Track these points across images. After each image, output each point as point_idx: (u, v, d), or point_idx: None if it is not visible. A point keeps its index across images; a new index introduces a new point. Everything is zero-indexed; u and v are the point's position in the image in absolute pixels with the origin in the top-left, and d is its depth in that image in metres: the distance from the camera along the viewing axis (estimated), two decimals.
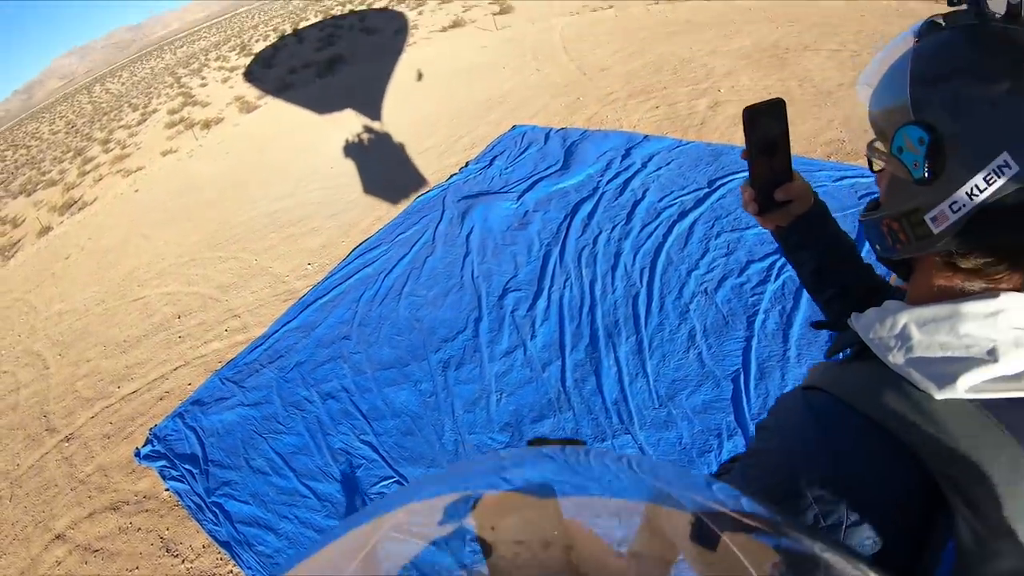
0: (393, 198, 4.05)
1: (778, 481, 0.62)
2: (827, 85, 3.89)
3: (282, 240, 4.12)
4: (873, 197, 0.69)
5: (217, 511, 2.27)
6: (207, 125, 9.25)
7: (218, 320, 3.49)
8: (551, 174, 3.53)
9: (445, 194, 3.70)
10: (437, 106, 5.70)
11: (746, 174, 0.86)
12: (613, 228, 2.81)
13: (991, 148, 0.51)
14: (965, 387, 0.53)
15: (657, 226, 2.72)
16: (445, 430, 2.18)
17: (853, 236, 2.20)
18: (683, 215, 2.75)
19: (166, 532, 2.30)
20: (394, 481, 2.12)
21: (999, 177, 0.51)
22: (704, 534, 0.34)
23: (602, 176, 3.31)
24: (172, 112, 12.15)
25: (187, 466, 2.51)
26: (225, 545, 2.14)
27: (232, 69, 14.84)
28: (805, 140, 3.33)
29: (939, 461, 0.52)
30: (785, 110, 0.79)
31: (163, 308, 3.94)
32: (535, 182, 3.47)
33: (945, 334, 0.57)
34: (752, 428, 1.74)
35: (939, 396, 0.54)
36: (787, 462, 0.61)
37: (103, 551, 2.35)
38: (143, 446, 2.72)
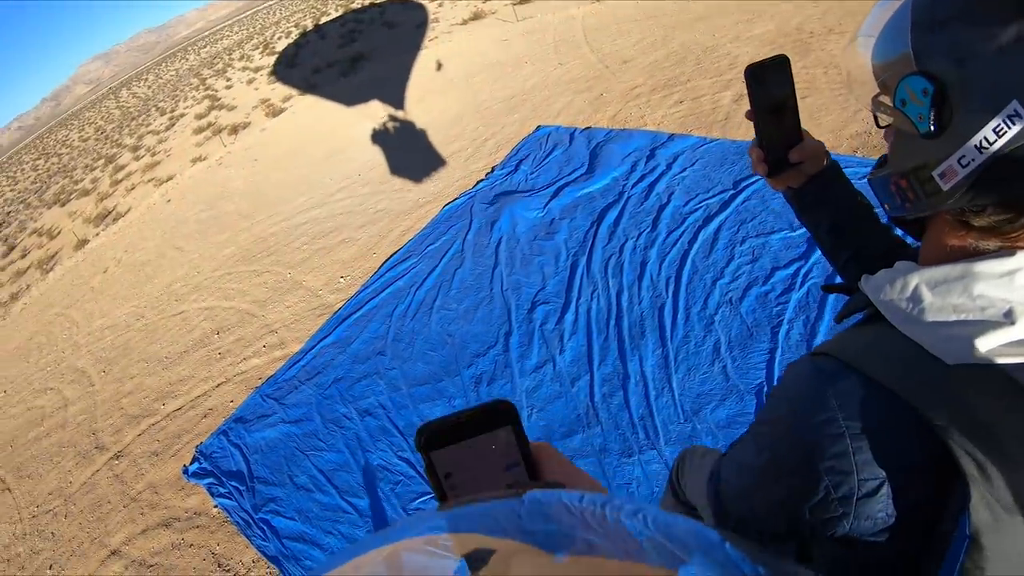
0: (421, 207, 4.16)
1: (787, 451, 0.61)
2: None
3: (314, 253, 4.28)
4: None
5: (265, 527, 2.43)
6: (234, 130, 9.52)
7: (256, 336, 3.66)
8: (577, 178, 3.59)
9: (472, 203, 3.80)
10: (461, 106, 5.79)
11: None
12: (639, 235, 2.87)
13: (1000, 97, 0.49)
14: (980, 352, 0.51)
15: (683, 232, 2.77)
16: None
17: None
18: (708, 220, 2.79)
19: (217, 548, 2.48)
20: (431, 497, 2.24)
21: (1010, 127, 0.49)
22: None
23: (627, 179, 3.36)
24: (199, 116, 12.50)
25: (234, 483, 2.68)
26: (274, 560, 2.30)
27: (256, 70, 15.15)
28: (831, 133, 3.32)
29: (954, 430, 0.50)
30: (790, 67, 0.77)
31: (202, 324, 4.15)
32: (561, 187, 3.54)
33: (958, 296, 0.55)
34: None
35: (952, 362, 0.52)
36: (796, 431, 0.60)
37: (158, 566, 2.54)
38: (190, 464, 2.91)
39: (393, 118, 6.34)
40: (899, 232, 0.91)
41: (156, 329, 4.45)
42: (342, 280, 3.77)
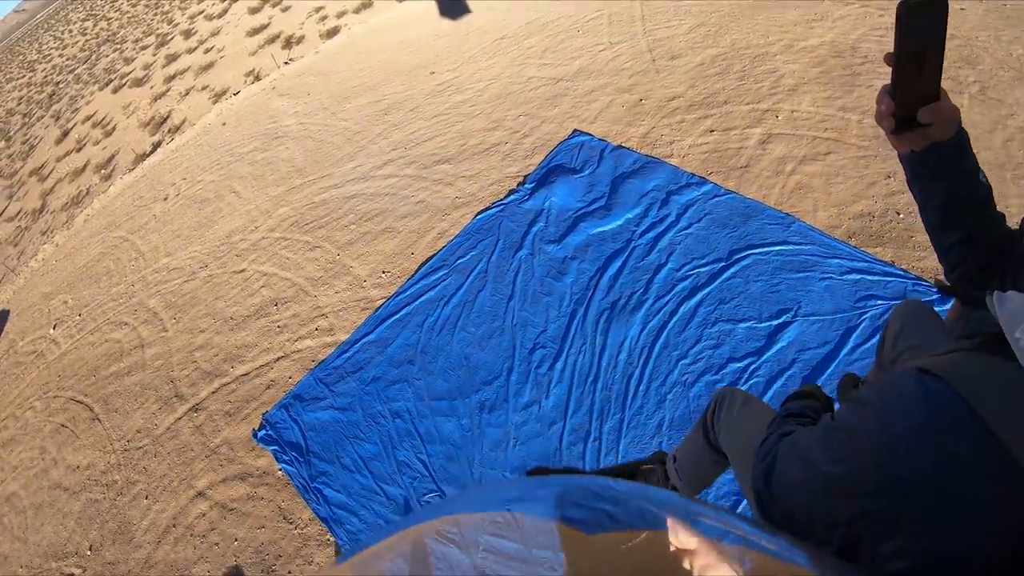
0: (456, 208, 4.99)
1: (869, 473, 0.60)
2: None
3: (360, 236, 5.21)
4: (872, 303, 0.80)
5: (318, 494, 3.54)
6: (288, 44, 10.19)
7: (309, 317, 4.69)
8: (595, 211, 4.35)
9: (501, 219, 4.61)
10: (507, 80, 6.39)
11: (762, 250, 1.10)
12: (631, 295, 3.69)
13: None
14: None
15: (668, 301, 3.58)
16: (475, 462, 3.32)
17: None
18: (694, 292, 3.58)
19: (283, 504, 3.63)
20: (437, 494, 3.30)
21: None
22: None
23: (638, 225, 4.11)
24: (253, 11, 13.05)
25: (294, 453, 3.79)
26: (325, 521, 3.42)
27: None
28: (835, 208, 3.88)
29: None
30: (947, 12, 0.78)
31: (261, 290, 5.20)
32: (578, 220, 4.32)
33: None
34: None
35: None
36: (883, 453, 0.59)
37: (237, 511, 3.70)
38: (259, 429, 4.04)
39: (441, 80, 6.95)
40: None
41: (220, 284, 5.54)
42: (383, 275, 4.71)
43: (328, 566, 3.36)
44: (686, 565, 0.34)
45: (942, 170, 0.88)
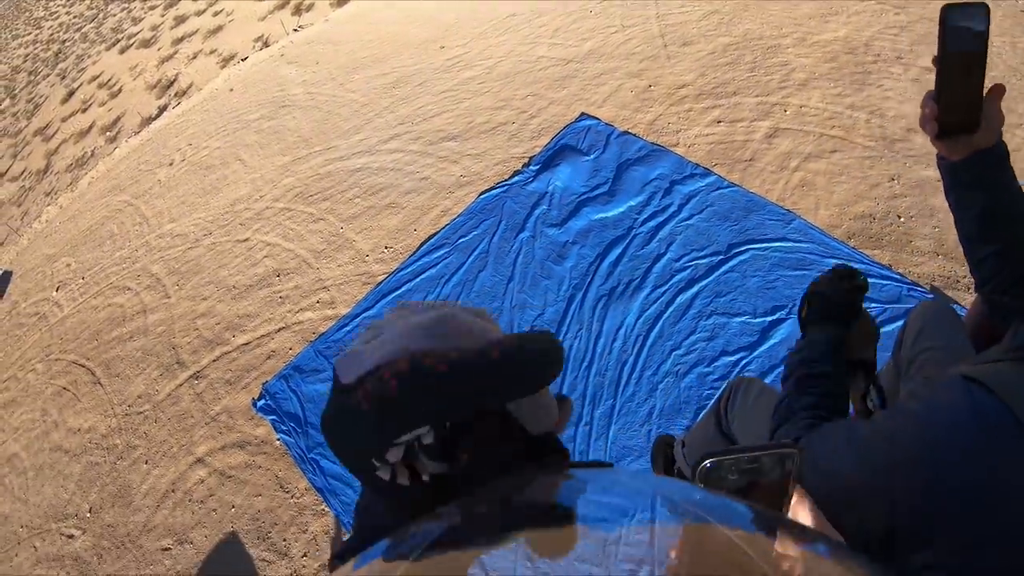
0: (461, 187, 5.01)
1: (905, 484, 0.58)
2: (896, 128, 4.31)
3: (364, 211, 5.24)
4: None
5: (314, 465, 3.63)
6: (298, 10, 10.12)
7: (311, 289, 4.75)
8: (598, 196, 4.38)
9: (504, 200, 4.64)
10: (517, 58, 6.36)
11: (761, 246, 1.01)
12: (630, 283, 3.74)
13: None
14: None
15: (665, 291, 3.63)
16: None
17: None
18: (691, 283, 3.62)
19: (280, 473, 3.72)
20: None
21: None
22: None
23: (640, 213, 4.14)
24: None
25: (292, 424, 3.87)
26: (320, 491, 3.51)
27: None
28: (837, 207, 3.91)
29: None
30: (988, 15, 0.76)
31: (264, 260, 5.25)
32: (581, 205, 4.35)
33: None
34: None
35: None
36: (923, 463, 0.57)
37: (235, 478, 3.80)
38: (258, 399, 4.12)
39: (451, 56, 6.92)
40: None
41: (224, 253, 5.58)
42: (386, 251, 4.76)
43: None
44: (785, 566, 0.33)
45: (982, 179, 0.86)
